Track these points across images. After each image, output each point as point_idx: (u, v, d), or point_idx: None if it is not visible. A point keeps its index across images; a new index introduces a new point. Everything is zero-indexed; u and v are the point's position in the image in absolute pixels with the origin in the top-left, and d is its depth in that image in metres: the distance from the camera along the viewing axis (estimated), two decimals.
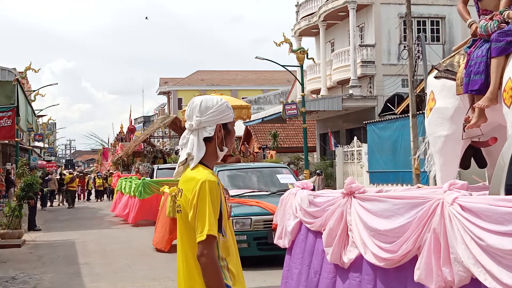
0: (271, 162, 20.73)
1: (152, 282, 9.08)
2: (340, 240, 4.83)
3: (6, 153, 32.84)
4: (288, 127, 37.82)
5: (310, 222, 5.52)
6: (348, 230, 4.76)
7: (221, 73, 64.42)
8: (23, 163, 18.99)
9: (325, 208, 5.22)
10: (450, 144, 5.45)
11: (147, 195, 18.04)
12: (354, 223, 4.64)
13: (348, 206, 4.76)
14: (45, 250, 13.25)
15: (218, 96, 3.13)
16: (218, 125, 2.99)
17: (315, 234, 5.48)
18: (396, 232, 3.99)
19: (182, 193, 2.93)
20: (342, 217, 4.83)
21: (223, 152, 3.04)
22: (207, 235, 2.75)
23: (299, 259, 5.78)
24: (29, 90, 32.89)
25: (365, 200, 4.57)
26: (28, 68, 24.45)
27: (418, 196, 3.99)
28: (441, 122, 5.50)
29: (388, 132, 21.95)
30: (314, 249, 5.49)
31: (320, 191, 6.11)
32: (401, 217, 3.98)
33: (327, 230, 5.03)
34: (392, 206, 4.13)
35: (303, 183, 6.19)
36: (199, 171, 2.91)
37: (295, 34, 33.46)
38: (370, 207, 4.42)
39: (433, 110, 5.65)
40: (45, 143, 49.82)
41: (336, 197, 5.09)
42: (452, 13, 28.09)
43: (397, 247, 3.95)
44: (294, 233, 5.95)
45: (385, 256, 4.10)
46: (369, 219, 4.39)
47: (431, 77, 5.90)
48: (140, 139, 30.22)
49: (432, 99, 5.72)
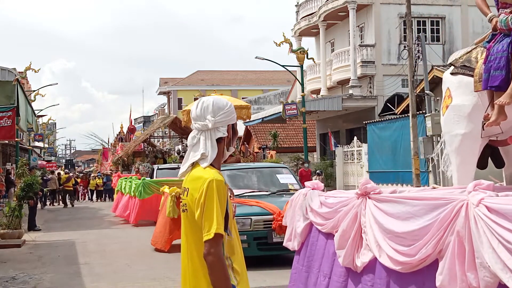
0: (271, 162, 20.74)
1: (152, 282, 9.08)
2: (354, 243, 4.65)
3: (6, 153, 32.84)
4: (288, 127, 37.80)
5: (321, 224, 5.34)
6: (362, 232, 4.58)
7: (221, 73, 64.41)
8: (23, 163, 19.01)
9: (337, 209, 5.04)
10: (467, 143, 5.22)
11: (147, 195, 18.03)
12: (368, 225, 4.46)
13: (363, 207, 4.58)
14: (45, 250, 13.25)
15: (224, 97, 3.21)
16: (229, 125, 3.05)
17: (326, 236, 5.30)
18: (415, 235, 3.82)
19: (188, 192, 2.93)
20: (356, 219, 4.65)
21: (229, 152, 3.10)
22: (215, 234, 2.75)
23: (308, 262, 5.59)
24: (29, 90, 32.92)
25: (381, 201, 4.38)
26: (28, 68, 24.46)
27: (440, 197, 3.81)
28: (458, 120, 5.26)
29: (388, 132, 21.96)
30: (324, 252, 5.29)
31: (332, 191, 5.94)
32: (420, 219, 3.81)
33: (339, 232, 4.85)
34: (411, 208, 3.96)
35: (314, 183, 5.97)
36: (206, 170, 2.92)
37: (295, 34, 33.46)
38: (387, 209, 4.24)
39: (449, 108, 5.39)
40: (45, 143, 49.85)
41: (349, 198, 4.91)
42: (452, 13, 28.13)
43: (416, 250, 3.78)
44: (304, 235, 5.76)
45: (402, 260, 3.93)
46: (385, 221, 4.21)
47: (447, 73, 5.61)
48: (140, 139, 30.25)
49: (448, 96, 5.44)
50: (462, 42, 27.69)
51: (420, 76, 20.07)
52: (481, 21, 28.31)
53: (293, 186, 11.46)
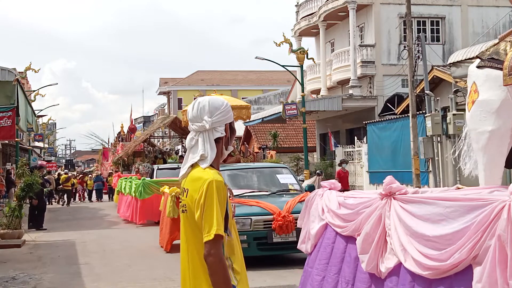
0: (271, 162, 20.73)
1: (152, 282, 9.08)
2: (378, 247, 4.37)
3: (6, 153, 32.82)
4: (288, 127, 37.81)
5: (341, 226, 5.04)
6: (386, 235, 4.31)
7: (221, 73, 64.41)
8: (23, 163, 18.99)
9: (359, 211, 4.74)
10: (495, 140, 4.86)
11: (147, 195, 18.04)
12: (393, 227, 4.20)
13: (387, 208, 4.30)
14: (45, 250, 13.25)
15: (221, 97, 3.19)
16: (227, 124, 3.04)
17: (346, 240, 5.00)
18: (448, 239, 3.56)
19: (188, 192, 2.93)
20: (380, 221, 4.37)
21: (228, 151, 3.08)
22: (215, 235, 2.75)
23: (322, 265, 5.28)
24: (29, 90, 32.89)
25: (407, 202, 4.11)
26: (28, 68, 24.48)
27: (476, 198, 3.55)
28: (485, 117, 4.88)
29: (388, 132, 21.94)
30: (344, 256, 4.99)
31: (350, 191, 5.70)
32: (454, 222, 3.56)
33: (362, 235, 4.55)
34: (442, 209, 3.69)
35: (331, 183, 5.69)
36: (206, 171, 2.92)
37: (295, 34, 33.46)
38: (414, 210, 3.98)
39: (475, 103, 5.01)
40: (45, 143, 49.81)
41: (372, 199, 4.62)
42: (452, 13, 28.13)
43: (448, 255, 3.52)
44: (317, 237, 5.51)
45: (431, 265, 3.68)
46: (413, 223, 3.94)
47: (473, 66, 5.22)
48: (140, 139, 30.23)
49: (474, 91, 5.06)
50: (462, 42, 27.70)
51: (420, 76, 20.05)
52: (481, 21, 28.34)
53: (293, 186, 11.47)
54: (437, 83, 21.10)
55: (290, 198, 10.53)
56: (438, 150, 17.81)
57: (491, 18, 27.96)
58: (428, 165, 18.43)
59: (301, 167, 27.93)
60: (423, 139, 17.67)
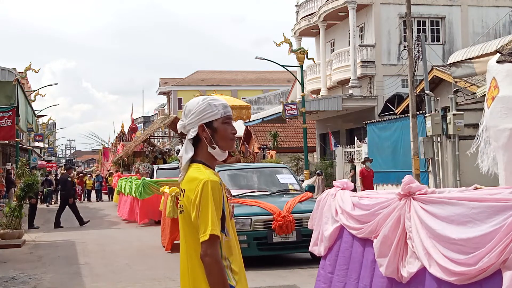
0: (271, 162, 20.73)
1: (152, 282, 9.08)
2: (397, 250, 4.15)
3: (6, 153, 32.85)
4: (288, 127, 37.81)
5: (357, 228, 4.82)
6: (406, 237, 4.10)
7: (221, 73, 64.41)
8: (23, 163, 19.00)
9: (375, 211, 4.53)
10: None
11: (147, 195, 18.05)
12: (414, 229, 3.98)
13: (407, 209, 4.09)
14: (45, 250, 13.25)
15: (203, 96, 3.08)
16: (200, 125, 2.96)
17: (363, 242, 4.77)
18: (475, 242, 3.37)
19: (185, 193, 2.93)
20: (399, 223, 4.15)
21: (217, 150, 2.97)
22: (210, 235, 2.75)
23: (343, 270, 5.03)
24: (29, 90, 32.90)
25: (429, 203, 3.91)
26: (28, 68, 24.47)
27: (504, 198, 3.35)
28: (506, 113, 4.70)
29: (388, 132, 21.93)
30: (363, 259, 4.76)
31: (365, 191, 5.52)
32: (482, 224, 3.38)
33: (380, 238, 4.34)
34: (468, 210, 3.50)
35: (343, 183, 5.48)
36: (201, 171, 2.91)
37: (295, 34, 33.46)
38: (437, 211, 3.78)
39: (496, 100, 4.82)
40: (45, 143, 49.81)
41: (389, 199, 4.41)
42: (452, 13, 28.13)
43: (476, 259, 3.32)
44: (332, 239, 5.27)
45: (458, 270, 3.47)
46: (436, 225, 3.74)
47: (492, 61, 5.05)
48: (140, 139, 30.25)
49: (494, 87, 4.89)
50: (462, 42, 27.69)
51: (420, 76, 20.05)
52: (481, 21, 28.33)
53: (293, 186, 11.46)
54: (437, 83, 21.10)
55: (290, 198, 10.53)
56: (438, 150, 17.80)
57: (491, 18, 27.97)
58: (428, 165, 18.42)
59: (301, 167, 27.93)
60: (423, 139, 17.66)
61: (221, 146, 2.98)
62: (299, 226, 9.94)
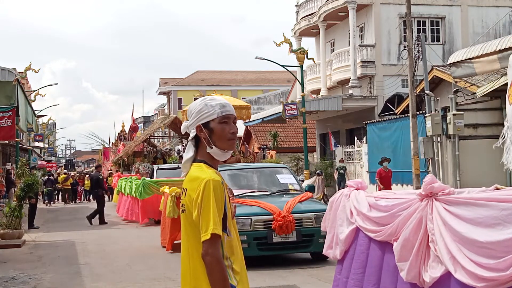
0: (271, 162, 20.73)
1: (152, 282, 9.08)
2: (419, 254, 3.97)
3: (6, 153, 32.85)
4: (288, 127, 37.80)
5: (375, 231, 4.60)
6: (428, 240, 3.91)
7: (221, 73, 64.40)
8: (23, 163, 19.00)
9: (395, 213, 4.32)
10: None
11: (147, 195, 18.06)
12: (437, 232, 3.78)
13: (429, 210, 3.91)
14: (45, 250, 13.25)
15: (203, 97, 3.10)
16: (198, 126, 2.97)
17: (382, 245, 4.55)
18: (506, 246, 3.21)
19: (187, 192, 2.93)
20: (421, 225, 3.97)
21: (216, 150, 2.96)
22: (211, 234, 2.75)
23: (358, 274, 4.83)
24: (29, 90, 32.91)
25: (453, 204, 3.73)
26: (28, 68, 24.48)
27: None
28: None
29: (388, 132, 21.95)
30: (383, 264, 4.55)
31: (381, 192, 5.38)
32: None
33: (400, 241, 4.14)
34: (497, 212, 3.32)
35: (357, 182, 5.27)
36: (203, 170, 2.91)
37: (295, 34, 33.46)
38: (462, 213, 3.61)
39: None
40: (45, 143, 49.82)
41: (410, 200, 4.21)
42: (452, 13, 28.13)
43: (507, 264, 3.17)
44: (348, 242, 5.05)
45: (487, 275, 3.29)
46: (462, 228, 3.56)
47: None
48: (140, 139, 30.24)
49: None
50: (462, 42, 27.68)
51: (420, 76, 20.05)
52: (481, 21, 28.33)
53: (293, 186, 11.46)
54: (437, 83, 21.09)
55: (290, 198, 10.53)
56: (438, 150, 17.80)
57: (491, 18, 27.97)
58: (428, 165, 18.42)
59: (301, 167, 27.92)
60: (423, 139, 17.67)
61: (219, 146, 2.97)
62: (299, 226, 9.95)
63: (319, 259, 10.47)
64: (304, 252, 10.62)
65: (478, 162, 17.11)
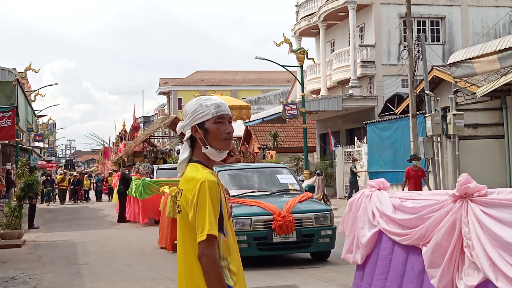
0: (271, 162, 20.72)
1: (152, 282, 9.08)
2: (452, 260, 3.68)
3: (6, 153, 32.83)
4: (288, 127, 37.80)
5: (400, 234, 4.33)
6: (463, 245, 3.62)
7: (221, 73, 64.41)
8: (23, 163, 18.99)
9: (424, 215, 4.04)
10: None
11: (147, 195, 18.04)
12: (474, 236, 3.50)
13: (464, 213, 3.62)
14: (45, 250, 13.25)
15: (197, 98, 3.09)
16: (193, 126, 2.97)
17: (406, 249, 4.31)
18: None
19: (182, 193, 2.93)
20: (454, 228, 3.68)
21: (211, 150, 2.95)
22: (207, 235, 2.74)
23: (381, 280, 4.57)
24: (29, 90, 32.90)
25: (491, 206, 3.46)
26: (28, 68, 24.47)
27: None
28: None
29: (388, 132, 21.95)
30: (405, 269, 4.30)
31: (406, 192, 5.06)
32: None
33: (431, 245, 3.86)
34: None
35: (379, 182, 4.95)
36: (199, 171, 2.90)
37: (295, 34, 33.47)
38: (503, 216, 3.36)
39: None
40: (45, 143, 49.81)
41: (441, 201, 3.93)
42: (452, 13, 28.13)
43: None
44: (370, 246, 4.75)
45: None
46: (502, 232, 3.30)
47: None
48: (140, 139, 30.22)
49: None
50: (462, 42, 27.68)
51: (420, 76, 20.05)
52: (481, 21, 28.33)
53: (293, 186, 11.46)
54: (437, 83, 21.09)
55: (290, 198, 10.53)
56: (438, 150, 17.81)
57: (491, 18, 27.97)
58: (428, 165, 18.43)
59: (301, 167, 27.91)
60: (423, 139, 17.67)
61: (214, 146, 2.96)
62: (299, 226, 9.95)
63: (319, 259, 10.48)
64: (304, 252, 10.62)
65: (478, 162, 17.12)
